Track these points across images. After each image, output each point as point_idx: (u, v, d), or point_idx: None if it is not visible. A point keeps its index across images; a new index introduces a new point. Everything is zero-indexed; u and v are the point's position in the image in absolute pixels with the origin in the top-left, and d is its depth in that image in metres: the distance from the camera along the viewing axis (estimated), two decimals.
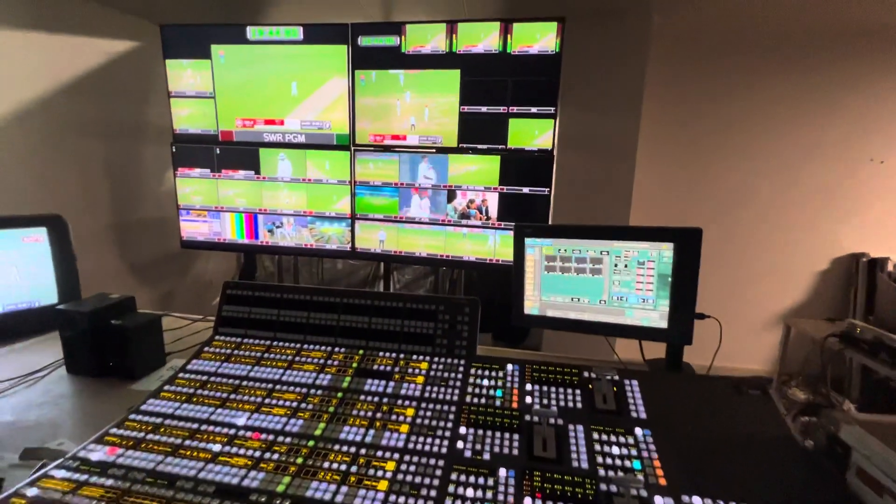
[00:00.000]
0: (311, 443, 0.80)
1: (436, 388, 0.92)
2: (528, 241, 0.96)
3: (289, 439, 0.81)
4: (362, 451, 0.78)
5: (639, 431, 0.81)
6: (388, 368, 0.98)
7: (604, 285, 0.94)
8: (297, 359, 1.02)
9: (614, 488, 0.70)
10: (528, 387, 0.91)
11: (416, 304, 1.06)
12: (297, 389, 0.93)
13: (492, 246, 1.85)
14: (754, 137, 2.51)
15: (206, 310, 1.30)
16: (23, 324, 1.35)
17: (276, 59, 1.89)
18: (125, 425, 0.84)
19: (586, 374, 0.93)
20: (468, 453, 0.77)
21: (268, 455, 0.77)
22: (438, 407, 0.87)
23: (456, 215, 1.88)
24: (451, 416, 0.85)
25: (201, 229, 2.09)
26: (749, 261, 2.63)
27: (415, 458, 0.76)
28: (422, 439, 0.80)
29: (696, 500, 0.68)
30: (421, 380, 0.95)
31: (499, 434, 0.81)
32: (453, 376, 0.95)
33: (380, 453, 0.77)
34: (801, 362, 2.49)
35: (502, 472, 0.73)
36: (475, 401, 0.89)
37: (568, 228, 0.94)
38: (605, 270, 0.93)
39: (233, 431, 0.83)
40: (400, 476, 0.73)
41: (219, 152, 1.99)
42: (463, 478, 0.72)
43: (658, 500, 0.68)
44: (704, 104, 2.50)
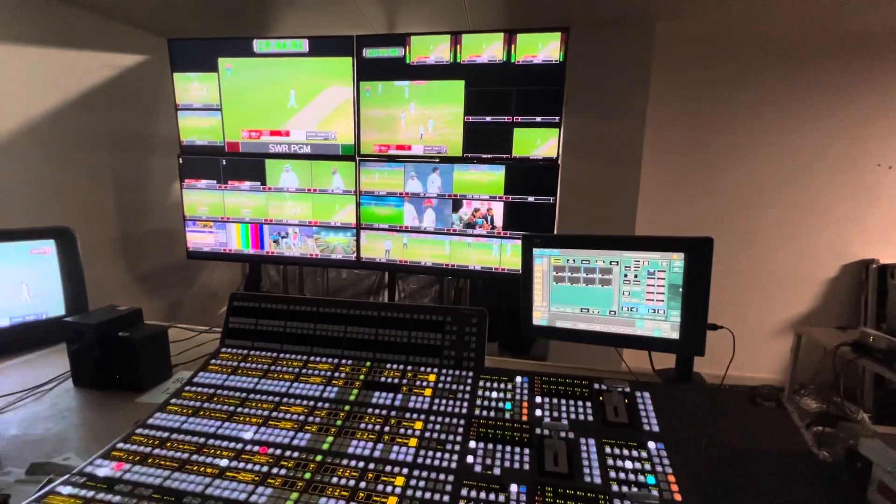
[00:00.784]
0: (318, 457, 0.79)
1: (444, 401, 0.91)
2: (536, 251, 0.96)
3: (296, 454, 0.80)
4: (370, 465, 0.77)
5: (652, 445, 0.79)
6: (396, 381, 0.97)
7: (613, 296, 0.93)
8: (303, 371, 1.01)
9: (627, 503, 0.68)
10: (538, 399, 0.90)
11: (424, 316, 1.05)
12: (305, 402, 0.92)
13: (497, 255, 1.85)
14: (760, 143, 2.50)
15: (211, 320, 1.30)
16: (30, 336, 1.35)
17: (281, 72, 1.91)
18: (132, 440, 0.84)
19: (597, 386, 0.92)
20: (478, 468, 0.76)
21: (275, 470, 0.76)
22: (447, 420, 0.86)
23: (461, 225, 1.88)
24: (461, 430, 0.84)
25: (207, 240, 2.09)
26: (757, 268, 2.61)
27: (424, 473, 0.75)
28: (431, 454, 0.79)
29: None
30: (429, 392, 0.93)
31: (509, 448, 0.80)
32: (462, 388, 0.94)
33: (388, 468, 0.76)
34: (813, 371, 2.46)
35: (513, 487, 0.72)
36: (484, 414, 0.88)
37: (577, 238, 0.93)
38: (615, 281, 0.92)
39: (240, 446, 0.82)
40: (409, 492, 0.71)
41: (225, 164, 2.01)
42: (473, 493, 0.71)
43: None
44: (709, 110, 2.50)
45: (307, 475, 0.75)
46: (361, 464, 0.77)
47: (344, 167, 1.94)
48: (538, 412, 0.87)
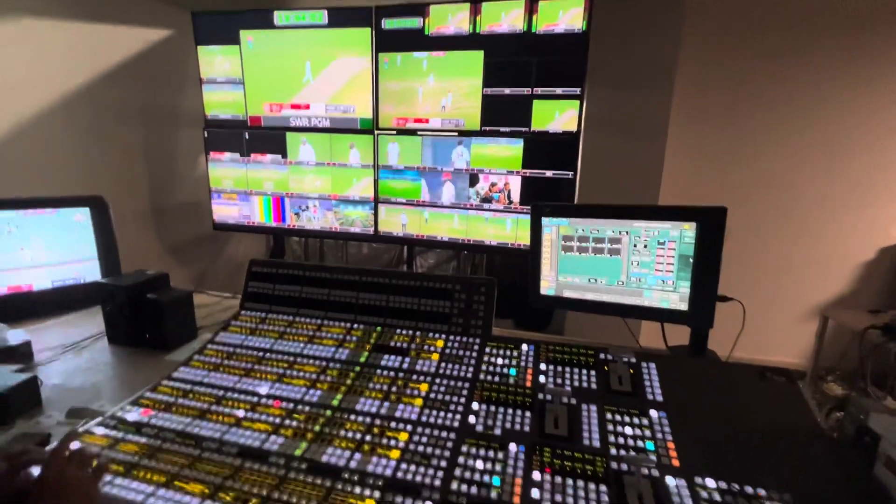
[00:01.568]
0: (328, 412, 0.83)
1: (450, 365, 0.93)
2: (545, 220, 0.95)
3: (308, 408, 0.84)
4: (377, 421, 0.81)
5: (654, 413, 0.80)
6: (405, 345, 1.00)
7: (622, 266, 0.92)
8: (317, 334, 1.06)
9: (625, 467, 0.70)
10: (543, 366, 0.91)
11: (433, 284, 1.07)
12: (317, 362, 0.97)
13: (513, 230, 1.84)
14: (796, 118, 2.37)
15: (237, 290, 1.35)
16: (70, 298, 1.45)
17: (300, 44, 1.91)
18: (158, 390, 0.90)
19: (602, 356, 0.92)
20: (480, 428, 0.78)
21: (288, 422, 0.80)
22: (452, 383, 0.89)
23: (478, 199, 1.88)
24: (465, 393, 0.86)
25: (232, 212, 2.16)
26: (787, 248, 2.51)
27: (427, 430, 0.78)
28: (435, 413, 0.82)
29: (710, 483, 0.67)
30: (436, 357, 0.96)
31: (511, 411, 0.82)
32: (468, 354, 0.96)
33: (393, 424, 0.80)
34: (839, 356, 2.37)
35: (512, 446, 0.74)
36: (489, 378, 0.90)
37: (586, 208, 0.92)
38: (624, 251, 0.91)
39: (255, 399, 0.87)
40: (412, 446, 0.75)
41: (248, 137, 2.05)
42: (473, 450, 0.74)
43: (670, 480, 0.67)
44: (742, 81, 2.37)
45: (317, 427, 0.79)
46: (368, 419, 0.81)
47: (362, 141, 1.96)
48: (542, 378, 0.88)
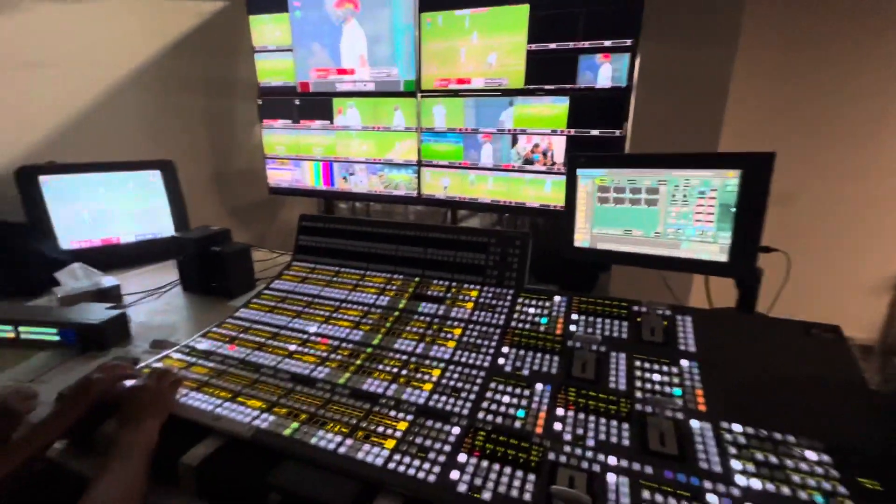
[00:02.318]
0: (369, 349, 0.90)
1: (483, 313, 0.97)
2: (580, 171, 0.94)
3: (350, 346, 0.92)
4: (412, 359, 0.87)
5: (685, 363, 0.80)
6: (441, 294, 1.05)
7: (659, 217, 0.90)
8: (360, 283, 1.13)
9: (649, 409, 0.71)
10: (575, 317, 0.93)
11: (469, 237, 1.10)
12: (360, 307, 1.04)
13: (555, 192, 1.81)
14: (880, 75, 2.09)
15: (290, 250, 1.46)
16: (150, 250, 1.63)
17: (343, 6, 1.94)
18: (223, 326, 1.02)
19: (636, 308, 0.92)
20: (508, 368, 0.82)
21: (333, 356, 0.89)
22: (484, 329, 0.93)
23: (519, 160, 1.86)
24: (496, 338, 0.90)
25: (285, 177, 2.29)
26: (864, 217, 2.28)
27: (458, 369, 0.83)
28: (466, 354, 0.87)
29: (736, 427, 0.67)
30: (470, 305, 1.00)
31: (539, 355, 0.85)
32: (501, 304, 0.99)
33: (427, 362, 0.86)
34: None
35: (539, 385, 0.78)
36: (520, 326, 0.93)
37: (624, 158, 0.90)
38: (662, 201, 0.89)
39: (305, 336, 0.96)
40: (444, 381, 0.80)
41: (298, 103, 2.14)
42: (501, 387, 0.78)
43: (694, 423, 0.68)
44: (817, 36, 2.12)
45: (358, 361, 0.87)
46: (405, 357, 0.87)
47: (405, 104, 1.98)
48: (573, 327, 0.90)
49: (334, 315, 1.02)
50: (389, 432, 0.69)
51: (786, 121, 2.25)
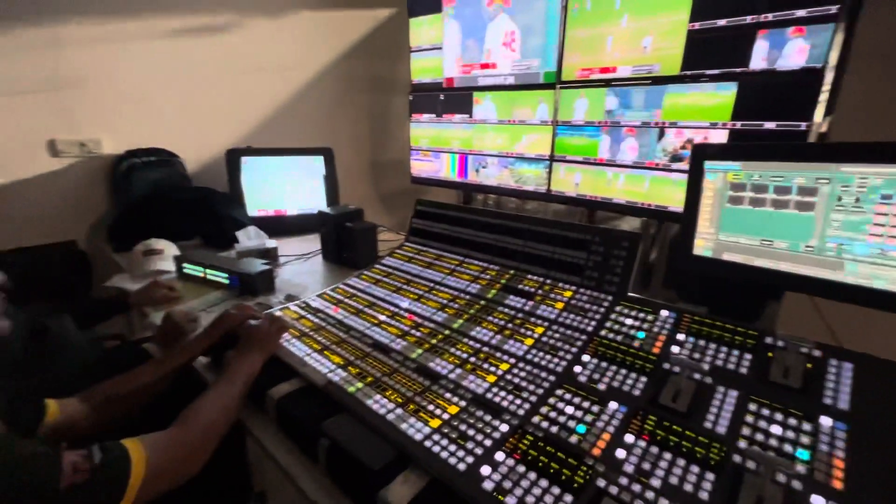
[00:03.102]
0: (447, 332, 0.92)
1: (572, 316, 0.89)
2: (708, 164, 0.77)
3: (432, 325, 0.95)
4: (485, 348, 0.85)
5: (826, 421, 0.60)
6: (532, 290, 1.00)
7: (815, 226, 0.68)
8: (457, 268, 1.15)
9: (752, 465, 0.56)
10: (681, 337, 0.78)
11: (571, 233, 1.02)
12: (451, 291, 1.06)
13: None
14: None
15: None
16: (306, 222, 1.94)
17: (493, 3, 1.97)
18: (335, 290, 1.15)
19: (769, 341, 0.73)
20: (583, 378, 0.74)
21: (413, 332, 0.93)
22: (569, 333, 0.85)
23: (665, 157, 1.63)
24: (579, 344, 0.82)
25: (426, 168, 2.46)
26: None
27: (528, 367, 0.78)
28: (541, 354, 0.81)
29: None
30: (560, 305, 0.93)
31: (624, 371, 0.74)
32: (594, 309, 0.90)
33: (499, 354, 0.83)
34: None
35: (613, 404, 0.68)
36: (610, 336, 0.82)
37: (769, 148, 0.71)
38: (821, 205, 0.66)
39: (395, 310, 1.02)
40: (509, 376, 0.77)
41: (442, 98, 2.26)
42: (568, 396, 0.71)
43: (817, 500, 0.51)
44: None
45: (434, 341, 0.89)
46: (478, 345, 0.86)
47: (544, 97, 1.92)
48: (675, 349, 0.76)
49: (426, 295, 1.07)
50: (438, 412, 0.69)
51: None
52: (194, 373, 0.92)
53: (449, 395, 0.73)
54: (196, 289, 1.34)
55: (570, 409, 0.68)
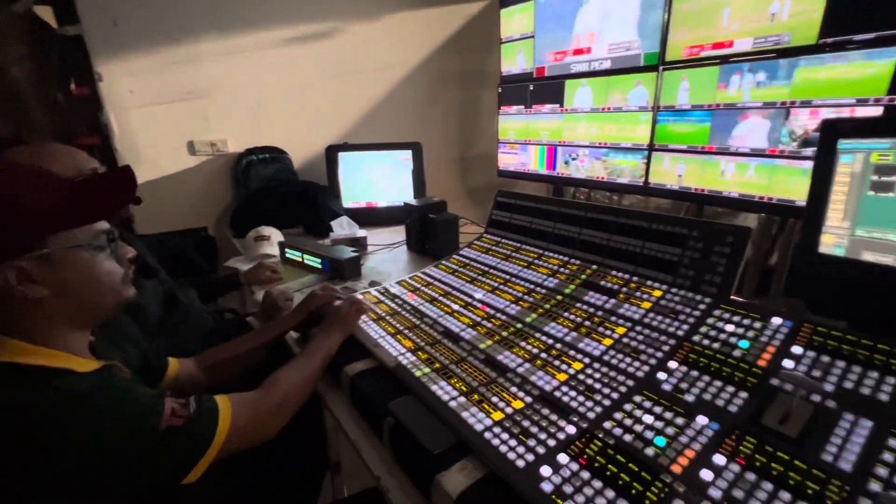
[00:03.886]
0: (519, 325, 0.89)
1: (661, 318, 0.80)
2: (843, 143, 0.63)
3: (504, 317, 0.92)
4: (558, 345, 0.81)
5: None
6: (616, 287, 0.92)
7: None
8: (535, 262, 1.11)
9: None
10: (797, 350, 0.66)
11: (664, 226, 0.91)
12: (526, 285, 1.03)
13: None
14: None
15: None
16: (393, 214, 2.02)
17: None
18: (413, 278, 1.18)
19: None
20: (667, 387, 0.66)
21: (485, 322, 0.91)
22: (655, 335, 0.77)
23: (793, 142, 1.38)
24: (665, 348, 0.74)
25: (513, 161, 2.41)
26: None
27: (604, 369, 0.72)
28: (620, 356, 0.74)
29: None
30: (647, 305, 0.84)
31: (718, 383, 0.65)
32: (688, 311, 0.80)
33: (572, 352, 0.78)
34: None
35: (702, 419, 0.60)
36: (704, 342, 0.72)
37: None
38: None
39: (469, 300, 1.02)
40: (581, 376, 0.72)
41: (532, 88, 2.19)
42: (647, 404, 0.64)
43: None
44: None
45: (504, 333, 0.87)
46: (551, 341, 0.82)
47: (644, 80, 1.76)
48: (788, 363, 0.64)
49: (501, 287, 1.04)
50: (502, 405, 0.67)
51: None
52: (286, 346, 1.01)
53: (514, 389, 0.70)
54: (295, 271, 1.48)
55: (648, 419, 0.61)
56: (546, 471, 0.55)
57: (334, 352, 0.85)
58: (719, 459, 0.54)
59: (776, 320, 0.71)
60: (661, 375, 0.68)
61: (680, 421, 0.60)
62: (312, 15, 2.18)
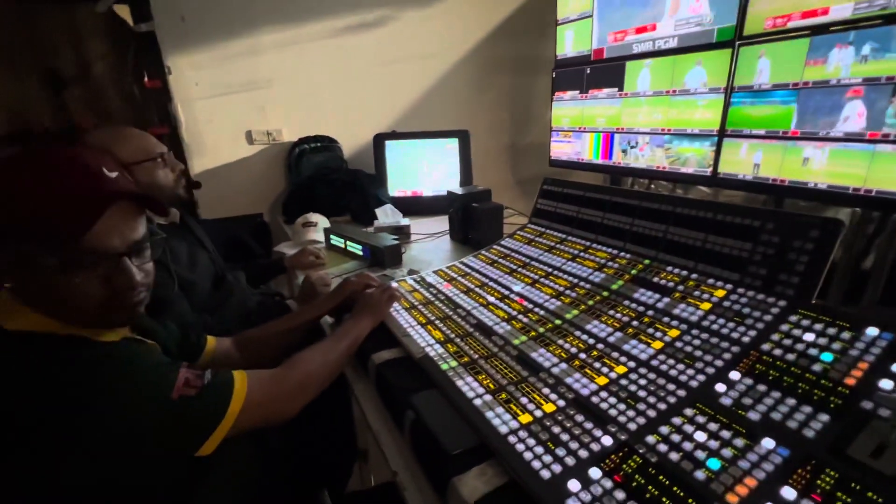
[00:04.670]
0: (558, 321, 0.82)
1: (723, 321, 0.70)
2: None
3: (542, 312, 0.86)
4: (599, 346, 0.73)
5: None
6: (671, 285, 0.82)
7: None
8: (581, 254, 1.02)
9: None
10: None
11: (732, 217, 0.80)
12: (570, 278, 0.95)
13: None
14: None
15: None
16: (440, 204, 1.98)
17: None
18: (450, 268, 1.14)
19: None
20: (726, 401, 0.57)
21: (521, 317, 0.85)
22: (715, 340, 0.67)
23: None
24: (727, 356, 0.64)
25: (566, 150, 2.28)
26: None
27: (651, 375, 0.64)
28: (671, 362, 0.66)
29: None
30: (707, 307, 0.74)
31: (793, 402, 0.55)
32: (757, 315, 0.69)
33: (615, 354, 0.70)
34: None
35: (768, 442, 0.51)
36: (777, 352, 0.62)
37: None
38: None
39: (506, 292, 0.96)
40: (624, 381, 0.64)
41: (588, 72, 2.06)
42: (700, 419, 0.55)
43: None
44: None
45: (541, 329, 0.80)
46: (592, 341, 0.75)
47: (715, 58, 1.58)
48: (885, 383, 0.53)
49: (541, 280, 0.97)
50: (531, 407, 0.61)
51: None
52: (321, 330, 1.02)
53: (547, 391, 0.64)
54: (338, 257, 1.50)
55: (700, 436, 0.53)
56: (574, 485, 0.48)
57: (363, 338, 0.84)
58: (788, 493, 0.45)
59: (872, 331, 0.59)
60: (720, 387, 0.59)
61: (740, 442, 0.51)
62: (365, 3, 2.18)
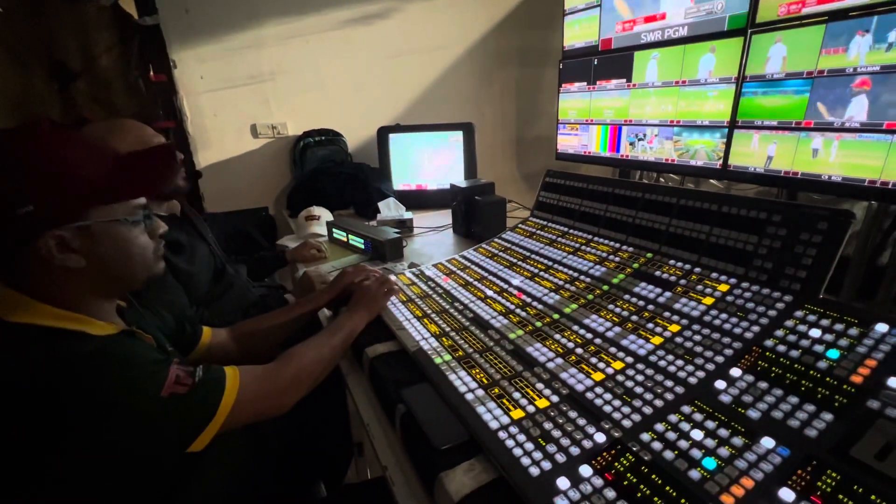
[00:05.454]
0: (556, 315, 0.80)
1: (725, 316, 0.68)
2: None
3: (540, 306, 0.84)
4: (597, 340, 0.71)
5: None
6: (673, 279, 0.80)
7: None
8: (583, 248, 1.00)
9: None
10: None
11: (737, 209, 0.77)
12: (570, 272, 0.93)
13: None
14: None
15: None
16: (443, 197, 1.96)
17: None
18: (449, 261, 1.13)
19: None
20: (725, 398, 0.55)
21: (518, 311, 0.84)
22: (716, 336, 0.65)
23: None
24: (728, 352, 0.62)
25: (572, 142, 2.24)
26: None
27: (648, 371, 0.62)
28: (671, 358, 0.64)
29: None
30: (709, 301, 0.72)
31: (796, 400, 0.52)
32: (761, 311, 0.66)
33: (613, 349, 0.68)
34: None
35: (767, 441, 0.49)
36: (780, 349, 0.60)
37: None
38: None
39: (505, 286, 0.94)
40: (620, 377, 0.62)
41: (596, 63, 2.01)
42: (697, 416, 0.54)
43: None
44: None
45: (538, 324, 0.79)
46: (590, 335, 0.73)
47: (726, 46, 1.53)
48: (894, 382, 0.51)
49: (541, 274, 0.96)
50: (524, 403, 0.59)
51: None
52: (319, 323, 1.01)
53: (541, 386, 0.63)
54: (340, 250, 1.49)
55: (697, 434, 0.51)
56: (563, 483, 0.47)
57: (358, 331, 0.83)
58: (786, 495, 0.43)
59: (881, 327, 0.56)
60: (720, 384, 0.57)
61: (738, 441, 0.49)
62: None
